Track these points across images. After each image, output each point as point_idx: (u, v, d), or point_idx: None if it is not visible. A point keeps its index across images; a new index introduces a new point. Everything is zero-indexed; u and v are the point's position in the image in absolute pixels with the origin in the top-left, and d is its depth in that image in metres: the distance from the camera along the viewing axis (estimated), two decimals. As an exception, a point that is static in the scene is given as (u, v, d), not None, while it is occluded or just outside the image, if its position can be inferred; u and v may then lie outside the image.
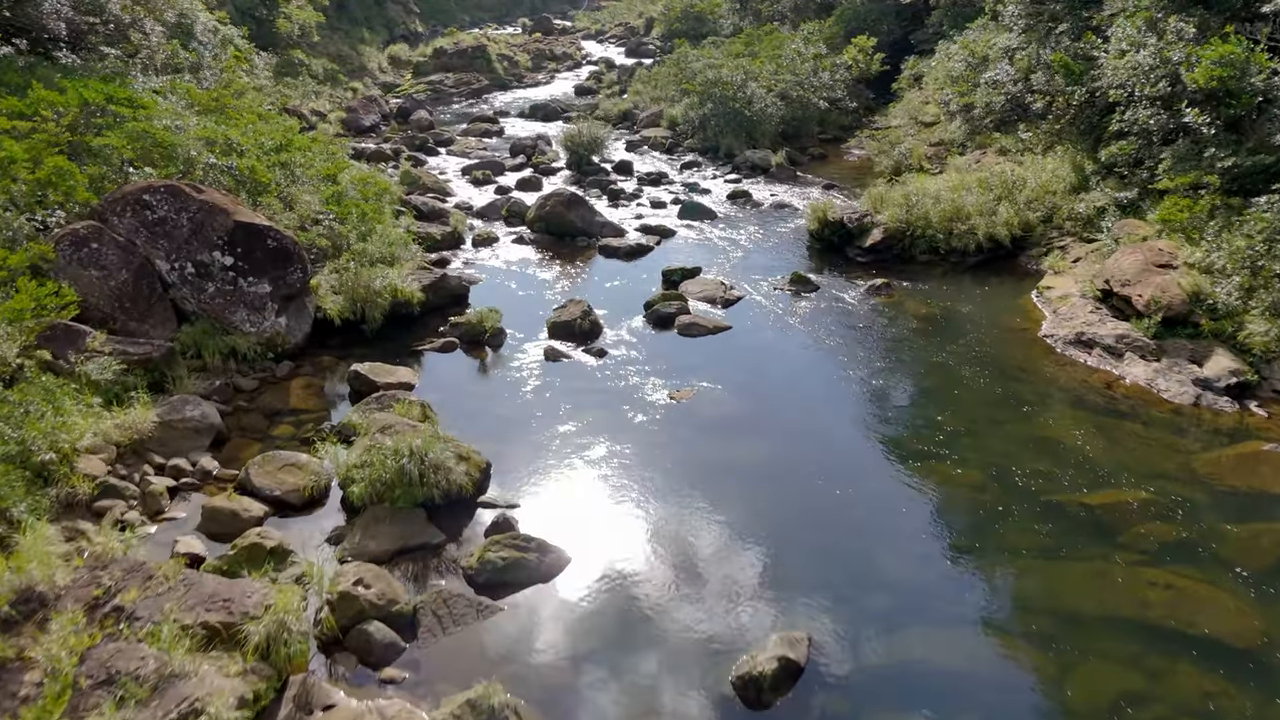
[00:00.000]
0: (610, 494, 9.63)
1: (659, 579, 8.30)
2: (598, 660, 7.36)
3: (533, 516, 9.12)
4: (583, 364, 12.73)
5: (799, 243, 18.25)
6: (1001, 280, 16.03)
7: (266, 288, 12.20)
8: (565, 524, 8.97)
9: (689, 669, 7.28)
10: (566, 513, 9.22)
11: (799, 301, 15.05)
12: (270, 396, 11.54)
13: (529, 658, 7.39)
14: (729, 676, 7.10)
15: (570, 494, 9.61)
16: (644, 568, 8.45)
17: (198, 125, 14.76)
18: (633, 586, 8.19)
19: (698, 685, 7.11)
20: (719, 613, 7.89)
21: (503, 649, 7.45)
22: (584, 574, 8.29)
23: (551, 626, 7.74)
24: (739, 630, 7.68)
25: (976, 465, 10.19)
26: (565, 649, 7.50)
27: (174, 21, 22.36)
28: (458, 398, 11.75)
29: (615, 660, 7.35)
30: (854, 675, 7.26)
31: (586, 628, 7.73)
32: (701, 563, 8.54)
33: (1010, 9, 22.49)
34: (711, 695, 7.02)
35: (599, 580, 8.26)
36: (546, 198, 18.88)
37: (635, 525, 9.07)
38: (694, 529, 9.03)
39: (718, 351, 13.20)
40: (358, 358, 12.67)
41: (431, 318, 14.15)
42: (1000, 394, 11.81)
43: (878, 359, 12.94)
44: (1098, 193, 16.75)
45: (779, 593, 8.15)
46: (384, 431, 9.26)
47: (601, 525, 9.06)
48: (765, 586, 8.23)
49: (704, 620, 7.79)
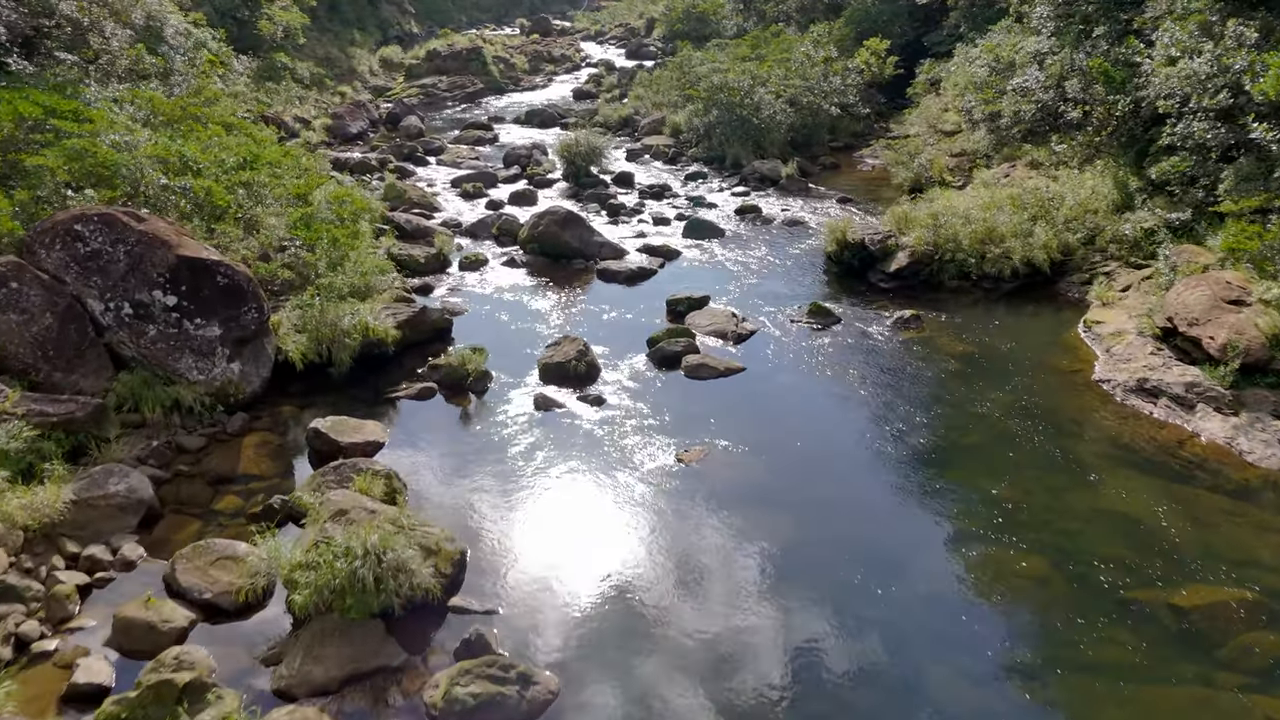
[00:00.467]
0: (609, 596, 8.08)
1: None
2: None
3: (514, 628, 7.58)
4: (577, 416, 11.20)
5: (815, 266, 16.72)
6: (1041, 310, 14.50)
7: (216, 330, 10.68)
8: (553, 638, 7.45)
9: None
10: (555, 621, 7.69)
11: (819, 337, 13.52)
12: (218, 458, 10.01)
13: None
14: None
15: (560, 596, 8.04)
16: (652, 707, 6.92)
17: (149, 141, 13.22)
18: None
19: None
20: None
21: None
22: (577, 715, 6.75)
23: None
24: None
25: (1037, 550, 8.67)
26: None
27: (142, 24, 20.85)
28: (433, 459, 10.23)
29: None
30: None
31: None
32: (719, 695, 7.01)
33: (1039, 10, 20.96)
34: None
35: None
36: (540, 216, 17.36)
37: (639, 642, 7.53)
38: (707, 645, 7.50)
39: (731, 399, 11.67)
40: (322, 407, 11.17)
41: (410, 356, 12.64)
42: (1056, 455, 10.27)
43: (912, 409, 11.40)
44: (1145, 212, 15.21)
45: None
46: (338, 519, 7.73)
47: (598, 641, 7.51)
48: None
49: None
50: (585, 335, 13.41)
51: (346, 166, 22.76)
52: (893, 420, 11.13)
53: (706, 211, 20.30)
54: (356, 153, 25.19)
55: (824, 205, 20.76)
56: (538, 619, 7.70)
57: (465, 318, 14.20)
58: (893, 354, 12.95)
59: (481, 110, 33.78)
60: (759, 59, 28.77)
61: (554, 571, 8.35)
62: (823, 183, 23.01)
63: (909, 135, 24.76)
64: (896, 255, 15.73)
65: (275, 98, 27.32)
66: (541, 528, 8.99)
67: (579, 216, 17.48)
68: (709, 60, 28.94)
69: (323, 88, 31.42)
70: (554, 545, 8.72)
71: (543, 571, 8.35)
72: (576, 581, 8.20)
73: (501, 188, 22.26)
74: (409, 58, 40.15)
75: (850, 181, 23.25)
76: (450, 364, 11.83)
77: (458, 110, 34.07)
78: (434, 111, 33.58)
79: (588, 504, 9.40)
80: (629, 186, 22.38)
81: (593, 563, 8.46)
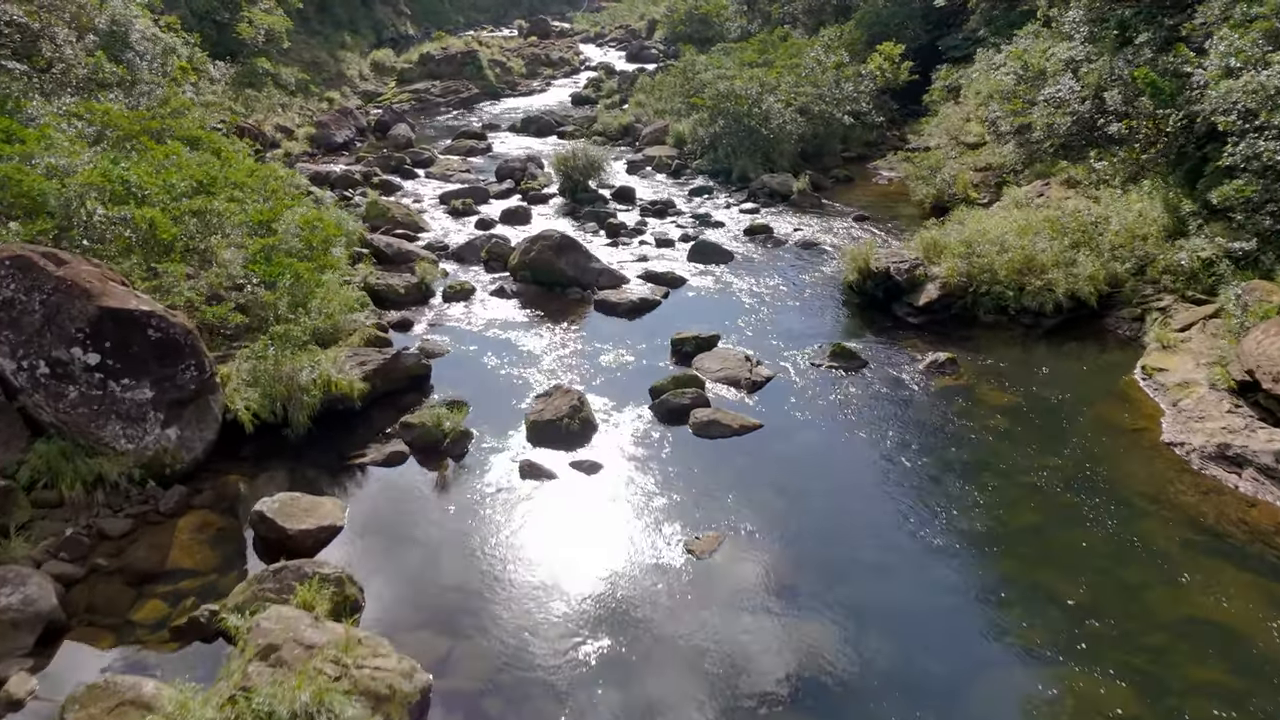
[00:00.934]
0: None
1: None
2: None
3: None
4: (570, 489, 9.68)
5: (834, 296, 15.20)
6: (1090, 351, 12.99)
7: (147, 392, 9.16)
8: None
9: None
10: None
11: (844, 384, 12.01)
12: (145, 546, 8.50)
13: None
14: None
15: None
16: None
17: (89, 165, 11.71)
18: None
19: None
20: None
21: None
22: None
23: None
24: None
25: (1119, 675, 7.15)
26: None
27: (106, 29, 19.36)
28: (399, 548, 8.71)
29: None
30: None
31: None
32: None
33: (1071, 14, 19.44)
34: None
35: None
36: (533, 241, 15.83)
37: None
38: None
39: (747, 465, 10.15)
40: (276, 474, 9.71)
41: (381, 409, 11.16)
42: (1130, 542, 8.75)
43: (955, 480, 9.87)
44: (1201, 240, 13.70)
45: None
46: (266, 657, 6.21)
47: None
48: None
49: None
50: (580, 382, 11.94)
51: (328, 181, 21.24)
52: (934, 494, 9.61)
53: (713, 231, 18.80)
54: (341, 164, 23.69)
55: (839, 224, 19.24)
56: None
57: (446, 360, 12.69)
58: (928, 407, 11.43)
59: (476, 117, 32.28)
60: (767, 64, 27.26)
61: (538, 707, 6.83)
62: (837, 198, 21.50)
63: (929, 147, 23.19)
64: (926, 287, 14.21)
65: (256, 106, 25.81)
66: (524, 649, 7.46)
67: (575, 241, 15.96)
68: (714, 65, 27.44)
69: (308, 94, 29.89)
70: (538, 676, 7.20)
71: (524, 706, 6.84)
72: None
73: (493, 204, 20.76)
74: (402, 62, 38.63)
75: (866, 196, 21.74)
76: (424, 424, 10.31)
77: (451, 117, 32.57)
78: (426, 118, 32.09)
79: (580, 612, 7.87)
80: (630, 202, 20.87)
81: (581, 700, 6.95)
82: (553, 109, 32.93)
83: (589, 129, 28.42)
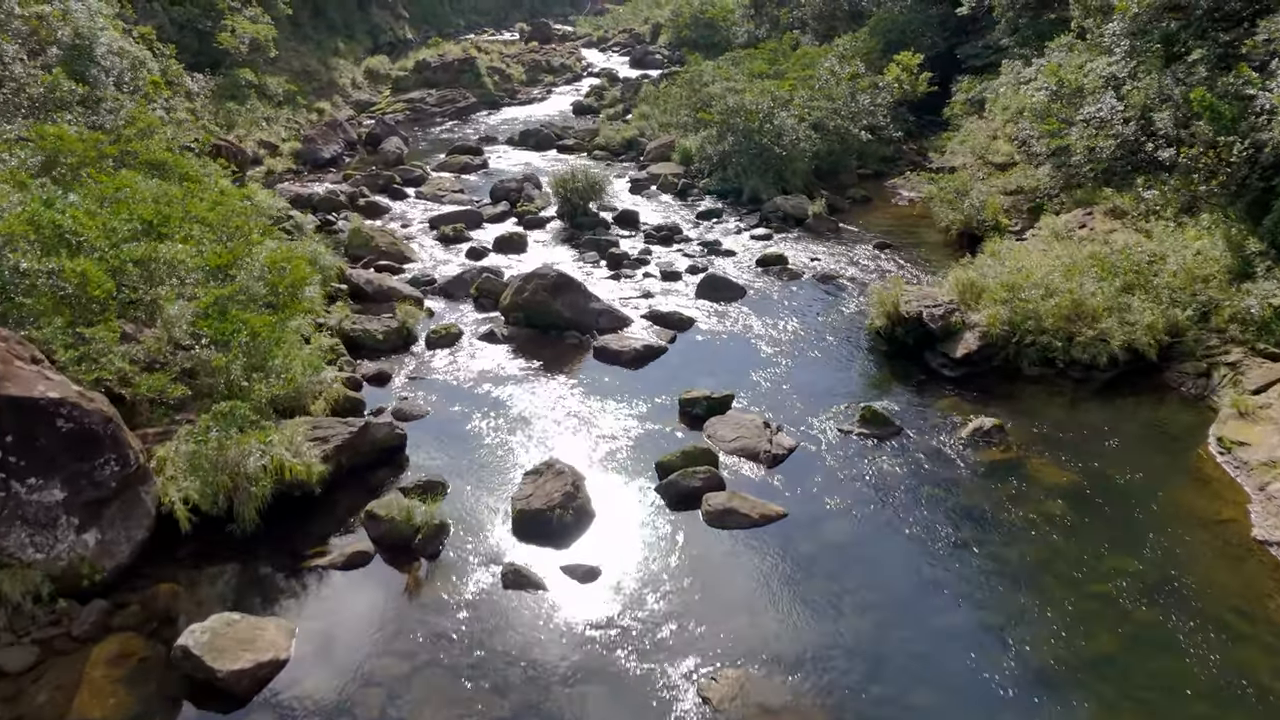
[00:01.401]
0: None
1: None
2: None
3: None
4: (561, 603, 8.20)
5: (859, 343, 13.73)
6: (1151, 412, 11.52)
7: (58, 493, 7.73)
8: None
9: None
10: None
11: (876, 459, 10.52)
12: (48, 688, 7.07)
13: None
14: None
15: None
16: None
17: (17, 207, 10.28)
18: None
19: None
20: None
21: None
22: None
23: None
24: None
25: None
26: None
27: (69, 43, 17.96)
28: (352, 689, 7.23)
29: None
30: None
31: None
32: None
33: (1111, 27, 17.94)
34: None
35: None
36: (527, 280, 14.36)
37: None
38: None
39: (770, 569, 8.66)
40: (215, 583, 8.29)
41: (346, 489, 9.74)
42: (1230, 681, 7.27)
43: (1013, 591, 8.38)
44: (1272, 284, 12.22)
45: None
46: None
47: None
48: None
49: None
50: (575, 454, 10.49)
51: (309, 204, 19.82)
52: (992, 611, 8.13)
53: (723, 261, 17.35)
54: (326, 183, 22.22)
55: (859, 252, 17.77)
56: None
57: (425, 423, 11.26)
58: (975, 489, 9.94)
59: (472, 128, 30.86)
60: (778, 75, 25.79)
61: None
62: (854, 221, 20.04)
63: (953, 168, 21.67)
64: (964, 336, 12.72)
65: (237, 120, 24.38)
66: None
67: (572, 280, 14.48)
68: (722, 76, 25.96)
69: (296, 105, 28.47)
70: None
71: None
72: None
73: (487, 229, 19.33)
74: (397, 69, 37.25)
75: (886, 219, 20.28)
76: (393, 518, 8.83)
77: (447, 128, 31.17)
78: (421, 129, 30.71)
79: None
80: (633, 227, 19.42)
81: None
82: (553, 119, 31.51)
83: (590, 143, 26.99)
